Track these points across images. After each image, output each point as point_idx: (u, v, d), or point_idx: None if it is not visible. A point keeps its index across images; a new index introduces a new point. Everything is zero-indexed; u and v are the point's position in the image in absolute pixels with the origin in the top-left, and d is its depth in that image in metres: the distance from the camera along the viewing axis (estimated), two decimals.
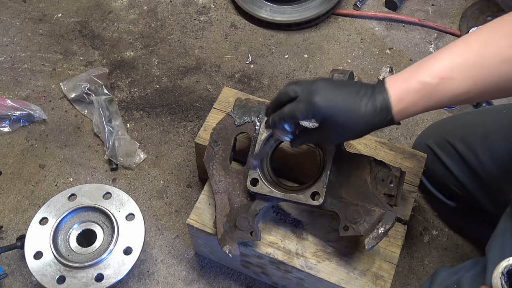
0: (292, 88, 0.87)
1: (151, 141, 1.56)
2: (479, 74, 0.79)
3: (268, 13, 1.83)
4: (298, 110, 0.85)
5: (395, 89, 0.82)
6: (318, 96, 0.83)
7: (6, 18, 1.84)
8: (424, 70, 0.81)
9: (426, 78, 0.80)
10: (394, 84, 0.83)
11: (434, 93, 0.80)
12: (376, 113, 0.82)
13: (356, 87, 0.85)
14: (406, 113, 0.83)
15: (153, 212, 1.43)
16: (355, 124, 0.84)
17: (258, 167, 1.05)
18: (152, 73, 1.71)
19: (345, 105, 0.83)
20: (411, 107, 0.82)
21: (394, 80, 0.83)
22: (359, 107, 0.82)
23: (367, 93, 0.83)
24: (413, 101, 0.81)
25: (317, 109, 0.83)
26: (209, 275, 1.33)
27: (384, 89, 0.83)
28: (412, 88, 0.81)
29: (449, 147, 1.26)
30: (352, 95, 0.83)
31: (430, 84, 0.80)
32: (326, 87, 0.85)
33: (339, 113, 0.83)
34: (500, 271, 0.74)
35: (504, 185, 1.13)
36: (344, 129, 0.86)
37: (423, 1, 1.94)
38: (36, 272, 1.14)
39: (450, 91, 0.80)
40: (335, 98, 0.84)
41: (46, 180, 1.47)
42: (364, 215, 0.98)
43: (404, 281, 1.34)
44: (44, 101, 1.63)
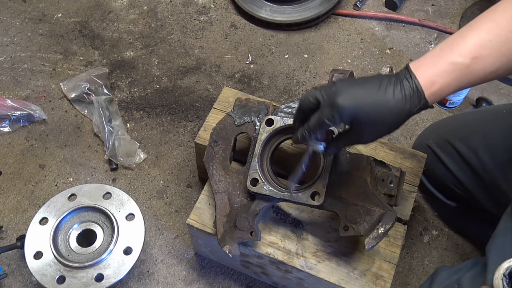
0: (311, 94, 0.84)
1: (151, 141, 1.56)
2: (510, 50, 0.78)
3: (268, 13, 1.83)
4: (325, 117, 0.81)
5: (424, 73, 0.80)
6: (340, 96, 0.79)
7: (6, 18, 1.84)
8: (453, 50, 0.80)
9: (457, 59, 0.79)
10: (420, 68, 0.80)
11: (467, 73, 0.79)
12: (406, 100, 0.79)
13: (377, 79, 0.81)
14: (439, 95, 0.81)
15: (153, 212, 1.43)
16: (387, 116, 0.80)
17: (293, 188, 1.01)
18: (152, 73, 1.71)
19: (371, 98, 0.79)
20: (444, 89, 0.80)
21: (419, 64, 0.81)
22: (386, 98, 0.79)
23: (390, 82, 0.80)
24: (445, 82, 0.79)
25: (343, 110, 0.79)
26: (209, 275, 1.33)
27: (410, 74, 0.80)
28: (444, 70, 0.79)
29: (449, 147, 1.26)
30: (375, 87, 0.80)
31: (463, 64, 0.79)
32: (346, 85, 0.81)
33: (367, 108, 0.79)
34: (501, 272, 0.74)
35: (505, 185, 1.13)
36: (376, 124, 0.81)
37: (423, 1, 1.94)
38: (36, 272, 1.14)
39: (482, 69, 0.79)
40: (359, 94, 0.80)
41: (46, 180, 1.47)
42: (364, 215, 0.98)
43: (404, 281, 1.34)
44: (44, 101, 1.63)
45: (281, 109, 1.10)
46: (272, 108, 1.12)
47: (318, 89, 0.83)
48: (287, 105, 1.10)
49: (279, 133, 1.08)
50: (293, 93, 1.67)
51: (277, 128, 1.07)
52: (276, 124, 1.07)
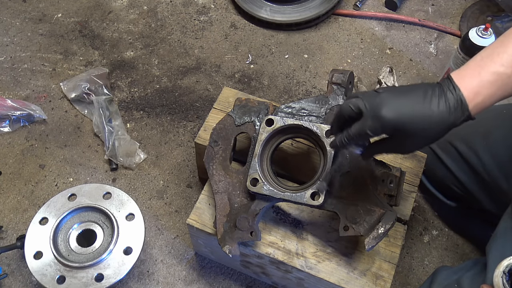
0: (353, 102, 0.83)
1: (151, 141, 1.56)
2: None
3: (268, 13, 1.83)
4: (367, 128, 0.80)
5: (467, 84, 0.79)
6: (384, 108, 0.79)
7: (6, 18, 1.84)
8: (495, 60, 0.79)
9: (499, 68, 0.79)
10: (463, 79, 0.80)
11: (509, 83, 0.79)
12: (451, 112, 0.79)
13: (421, 90, 0.80)
14: (483, 106, 0.80)
15: (153, 212, 1.43)
16: (430, 129, 0.80)
17: (325, 189, 1.01)
18: (152, 73, 1.71)
19: (415, 111, 0.78)
20: (488, 99, 0.80)
21: (462, 74, 0.81)
22: (430, 111, 0.78)
23: (434, 93, 0.80)
24: (489, 93, 0.79)
25: (387, 123, 0.79)
26: (209, 275, 1.33)
27: (454, 86, 0.80)
28: (487, 80, 0.79)
29: (450, 147, 1.26)
30: (419, 99, 0.79)
31: (505, 74, 0.79)
32: (390, 96, 0.80)
33: (410, 122, 0.78)
34: (501, 270, 0.74)
35: (505, 185, 1.13)
36: (419, 137, 0.81)
37: (423, 1, 1.94)
38: (36, 272, 1.14)
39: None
40: (403, 106, 0.79)
41: (46, 180, 1.47)
42: (364, 215, 0.98)
43: (404, 281, 1.34)
44: (44, 101, 1.63)
45: (281, 109, 1.10)
46: (272, 108, 1.12)
47: (361, 97, 0.82)
48: (287, 105, 1.10)
49: (279, 133, 1.08)
50: (293, 93, 1.67)
51: (277, 128, 1.07)
52: (276, 124, 1.07)
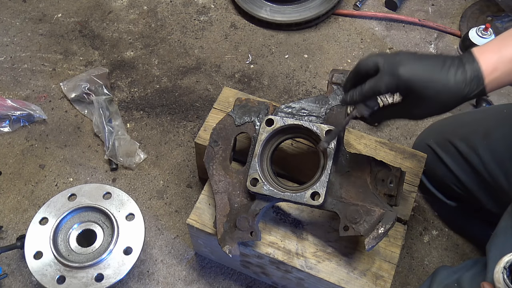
0: (372, 59, 0.83)
1: (151, 141, 1.56)
2: None
3: (268, 13, 1.83)
4: (382, 84, 0.81)
5: (486, 59, 0.80)
6: (402, 67, 0.79)
7: (6, 18, 1.84)
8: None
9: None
10: (483, 54, 0.80)
11: None
12: (466, 83, 0.79)
13: (441, 58, 0.81)
14: (498, 83, 0.81)
15: (153, 212, 1.43)
16: (444, 96, 0.80)
17: (327, 146, 1.01)
18: (152, 73, 1.71)
19: (432, 76, 0.79)
20: (505, 77, 0.80)
21: (482, 50, 0.81)
22: (447, 77, 0.79)
23: (454, 63, 0.80)
24: (507, 70, 0.79)
25: (402, 81, 0.79)
26: (209, 275, 1.33)
27: (473, 59, 0.80)
28: (506, 57, 0.79)
29: (450, 146, 1.26)
30: (438, 65, 0.80)
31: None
32: (410, 58, 0.81)
33: (425, 85, 0.79)
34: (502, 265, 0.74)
35: (505, 184, 1.13)
36: (431, 101, 0.81)
37: (423, 1, 1.94)
38: (36, 272, 1.14)
39: None
40: (421, 68, 0.80)
41: (46, 180, 1.47)
42: (364, 215, 0.98)
43: (404, 281, 1.34)
44: (44, 101, 1.63)
45: (281, 109, 1.10)
46: (272, 108, 1.12)
47: (380, 55, 0.83)
48: (287, 105, 1.10)
49: (279, 133, 1.08)
50: (293, 93, 1.67)
51: (277, 128, 1.07)
52: (276, 124, 1.07)
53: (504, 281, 0.73)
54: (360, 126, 1.60)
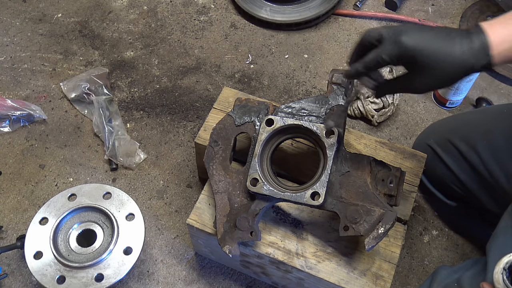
0: (376, 30, 0.82)
1: (151, 141, 1.56)
2: None
3: (268, 13, 1.83)
4: (385, 53, 0.80)
5: (495, 31, 0.78)
6: (405, 36, 0.78)
7: (6, 18, 1.84)
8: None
9: None
10: (493, 26, 0.79)
11: None
12: (473, 53, 0.77)
13: (447, 29, 0.80)
14: (506, 56, 0.79)
15: (153, 212, 1.43)
16: (448, 65, 0.78)
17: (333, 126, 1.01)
18: (152, 73, 1.71)
19: (436, 43, 0.78)
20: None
21: (491, 23, 0.80)
22: (452, 48, 0.77)
23: (460, 34, 0.79)
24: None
25: (405, 50, 0.78)
26: (209, 275, 1.33)
27: (481, 30, 0.79)
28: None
29: (450, 146, 1.26)
30: (443, 35, 0.78)
31: None
32: (414, 28, 0.80)
33: (430, 52, 0.77)
34: (501, 266, 0.74)
35: (506, 183, 1.13)
36: (435, 71, 0.79)
37: (423, 1, 1.94)
38: (36, 272, 1.14)
39: None
40: (425, 37, 0.78)
41: (46, 180, 1.47)
42: (364, 215, 0.98)
43: (404, 281, 1.34)
44: (44, 101, 1.63)
45: (281, 109, 1.10)
46: (272, 108, 1.12)
47: (384, 27, 0.82)
48: (287, 105, 1.10)
49: (279, 133, 1.08)
50: (293, 93, 1.67)
51: (277, 128, 1.07)
52: (276, 124, 1.07)
53: (503, 282, 0.73)
54: (360, 126, 1.60)
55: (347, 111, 1.57)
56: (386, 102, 1.55)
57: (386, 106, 1.56)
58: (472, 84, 1.56)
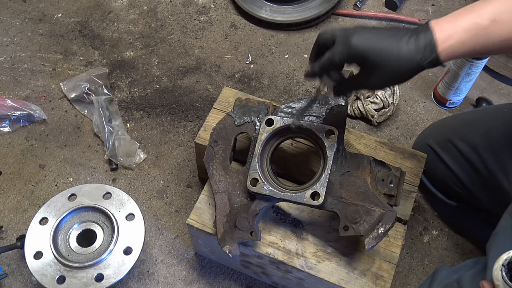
0: (330, 31, 0.86)
1: (151, 141, 1.56)
2: None
3: (268, 13, 1.83)
4: (337, 53, 0.83)
5: (441, 28, 0.81)
6: (355, 36, 0.82)
7: (6, 18, 1.84)
8: (475, 11, 0.81)
9: (477, 19, 0.80)
10: (439, 24, 0.82)
11: (483, 35, 0.80)
12: (419, 50, 0.80)
13: (395, 29, 0.84)
14: (453, 52, 0.81)
15: (153, 212, 1.43)
16: (396, 63, 0.81)
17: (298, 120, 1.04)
18: (152, 73, 1.71)
19: (384, 43, 0.81)
20: (459, 46, 0.81)
21: (440, 20, 0.82)
22: (398, 46, 0.81)
23: (408, 32, 0.82)
24: (461, 40, 0.80)
25: (355, 49, 0.82)
26: (209, 275, 1.33)
27: (428, 27, 0.81)
28: (461, 27, 0.80)
29: (450, 146, 1.26)
30: (391, 34, 0.82)
31: (481, 25, 0.79)
32: (364, 29, 0.84)
33: (378, 52, 0.81)
34: (500, 263, 0.74)
35: (506, 183, 1.13)
36: (385, 69, 0.82)
37: (423, 1, 1.94)
38: (36, 272, 1.14)
39: (500, 35, 0.80)
40: (373, 37, 0.82)
41: (46, 180, 1.47)
42: (364, 215, 0.98)
43: (404, 281, 1.34)
44: (44, 101, 1.63)
45: (281, 109, 1.10)
46: (272, 108, 1.12)
47: (338, 28, 0.86)
48: (287, 105, 1.10)
49: (279, 133, 1.08)
50: (293, 93, 1.67)
51: (277, 128, 1.07)
52: (276, 124, 1.07)
53: (502, 278, 0.73)
54: (360, 126, 1.60)
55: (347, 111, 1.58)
56: (386, 102, 1.55)
57: (386, 106, 1.56)
58: (472, 84, 1.56)
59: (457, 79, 1.52)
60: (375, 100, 1.56)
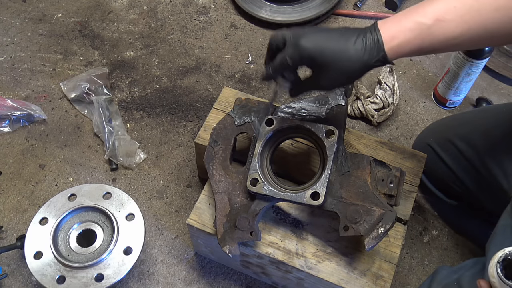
0: (281, 33, 0.88)
1: (151, 141, 1.56)
2: (473, 19, 0.80)
3: (268, 13, 1.83)
4: (287, 56, 0.85)
5: (387, 28, 0.83)
6: (304, 38, 0.84)
7: (6, 18, 1.84)
8: (419, 11, 0.83)
9: (421, 19, 0.81)
10: (386, 23, 0.84)
11: (428, 34, 0.82)
12: (366, 50, 0.83)
13: (343, 29, 0.86)
14: (400, 51, 0.83)
15: (153, 212, 1.43)
16: (343, 64, 0.84)
17: None
18: (152, 73, 1.71)
19: (332, 44, 0.83)
20: (405, 45, 0.83)
21: (386, 21, 0.84)
22: (346, 46, 0.83)
23: (355, 33, 0.84)
24: (406, 39, 0.82)
25: (304, 51, 0.84)
26: (209, 275, 1.33)
27: (374, 28, 0.83)
28: (406, 27, 0.82)
29: (450, 145, 1.26)
30: (339, 35, 0.84)
31: (425, 24, 0.81)
32: (313, 31, 0.86)
33: (326, 53, 0.83)
34: (496, 260, 0.75)
35: (505, 183, 1.13)
36: (334, 70, 0.85)
37: None
38: (36, 272, 1.14)
39: (444, 33, 0.81)
40: (322, 39, 0.84)
41: (46, 180, 1.47)
42: (364, 215, 0.98)
43: (404, 281, 1.34)
44: (44, 101, 1.63)
45: (281, 109, 1.10)
46: (272, 108, 1.12)
47: (289, 29, 0.88)
48: (287, 105, 1.10)
49: (279, 133, 1.08)
50: None
51: (277, 128, 1.07)
52: (276, 124, 1.07)
53: (497, 275, 0.74)
54: (360, 126, 1.60)
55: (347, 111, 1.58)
56: (386, 102, 1.55)
57: (386, 106, 1.56)
58: (472, 84, 1.56)
59: (457, 79, 1.52)
60: (375, 100, 1.56)
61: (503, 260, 0.75)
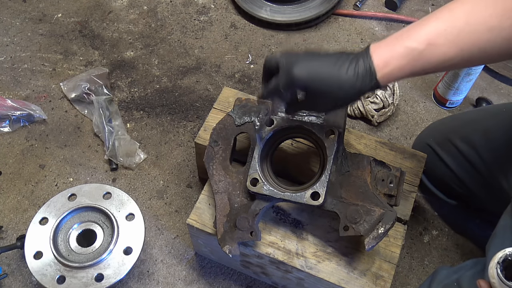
0: (274, 59, 0.88)
1: (151, 141, 1.56)
2: (464, 41, 0.80)
3: (268, 13, 1.83)
4: (281, 83, 0.86)
5: (379, 54, 0.83)
6: (297, 67, 0.84)
7: (6, 18, 1.84)
8: (410, 36, 0.82)
9: (412, 44, 0.81)
10: (378, 49, 0.83)
11: (420, 59, 0.81)
12: (358, 78, 0.83)
13: (337, 56, 0.85)
14: (392, 77, 0.83)
15: (153, 212, 1.43)
16: (337, 91, 0.84)
17: None
18: (152, 73, 1.71)
19: (324, 72, 0.84)
20: (397, 72, 0.83)
21: (379, 45, 0.84)
22: (339, 74, 0.83)
23: (348, 59, 0.84)
24: (399, 65, 0.82)
25: (297, 80, 0.84)
26: (209, 275, 1.33)
27: (367, 54, 0.83)
28: (398, 53, 0.82)
29: (450, 145, 1.26)
30: (332, 62, 0.84)
31: (417, 49, 0.81)
32: (305, 58, 0.86)
33: (319, 81, 0.84)
34: (496, 261, 0.75)
35: (505, 183, 1.13)
36: (328, 97, 0.86)
37: (423, 1, 1.94)
38: (36, 272, 1.14)
39: (436, 56, 0.81)
40: (315, 67, 0.84)
41: (46, 180, 1.47)
42: (364, 215, 0.98)
43: (404, 281, 1.34)
44: (44, 101, 1.63)
45: (281, 109, 1.10)
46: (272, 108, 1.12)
47: (282, 54, 0.88)
48: None
49: (279, 133, 1.08)
50: None
51: (277, 128, 1.07)
52: (276, 124, 1.06)
53: (497, 276, 0.74)
54: (360, 126, 1.60)
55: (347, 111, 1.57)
56: (386, 102, 1.55)
57: (386, 106, 1.56)
58: (472, 84, 1.56)
59: (457, 79, 1.52)
60: (375, 100, 1.56)
61: (503, 261, 0.75)
